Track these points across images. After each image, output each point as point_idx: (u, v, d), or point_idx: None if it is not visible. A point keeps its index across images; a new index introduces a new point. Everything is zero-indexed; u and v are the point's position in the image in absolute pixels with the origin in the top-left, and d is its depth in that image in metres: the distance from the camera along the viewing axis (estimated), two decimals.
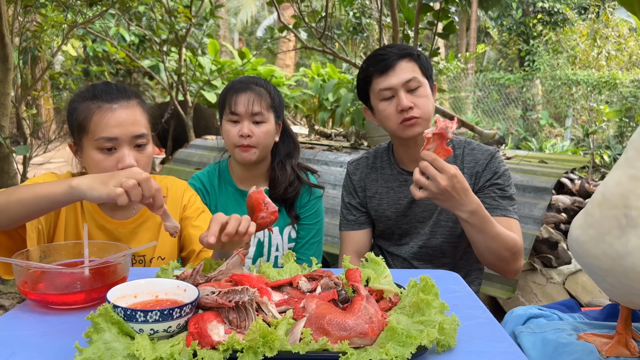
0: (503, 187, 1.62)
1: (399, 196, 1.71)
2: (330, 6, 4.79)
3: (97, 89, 1.39)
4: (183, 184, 1.63)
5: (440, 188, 1.31)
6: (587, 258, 0.96)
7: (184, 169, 4.26)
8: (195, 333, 0.84)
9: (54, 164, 6.94)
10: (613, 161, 8.36)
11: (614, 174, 0.94)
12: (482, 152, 1.67)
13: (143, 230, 1.50)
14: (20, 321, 0.99)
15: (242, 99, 1.70)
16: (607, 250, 0.91)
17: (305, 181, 1.85)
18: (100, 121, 1.33)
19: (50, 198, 1.13)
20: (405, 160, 1.72)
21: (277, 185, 1.79)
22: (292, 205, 1.84)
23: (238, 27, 20.22)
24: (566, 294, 2.95)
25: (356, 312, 0.89)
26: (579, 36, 12.86)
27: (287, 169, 1.82)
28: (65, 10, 3.97)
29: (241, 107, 1.69)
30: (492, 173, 1.63)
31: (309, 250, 1.86)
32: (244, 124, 1.70)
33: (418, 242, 1.71)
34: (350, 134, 4.64)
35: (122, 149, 1.35)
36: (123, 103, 1.37)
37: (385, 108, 1.60)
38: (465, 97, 13.33)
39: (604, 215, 0.91)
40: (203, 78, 7.99)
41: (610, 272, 0.92)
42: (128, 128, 1.35)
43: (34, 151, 4.43)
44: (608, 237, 0.91)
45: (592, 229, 0.94)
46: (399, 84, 1.56)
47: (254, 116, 1.70)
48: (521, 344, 1.14)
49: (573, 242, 0.99)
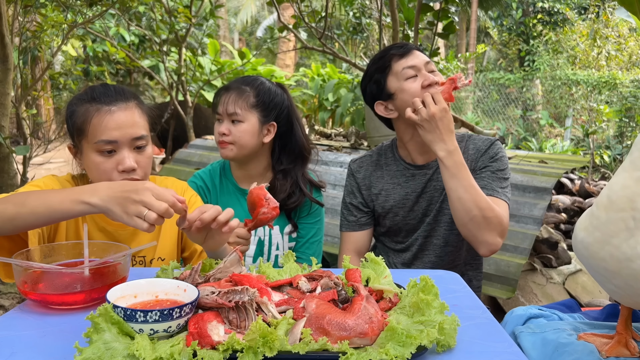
0: (496, 169, 1.66)
1: (406, 191, 1.73)
2: (330, 6, 4.79)
3: (96, 91, 1.38)
4: (183, 185, 1.63)
5: (429, 114, 1.49)
6: (593, 260, 0.96)
7: (184, 169, 4.26)
8: (195, 333, 0.84)
9: (54, 164, 6.94)
10: (613, 161, 8.36)
11: (619, 176, 0.94)
12: (482, 140, 1.72)
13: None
14: (20, 321, 0.99)
15: (222, 99, 1.77)
16: (614, 253, 0.91)
17: (308, 195, 1.83)
18: (99, 124, 1.33)
19: (64, 213, 1.12)
20: (412, 153, 1.73)
21: (276, 193, 1.76)
22: (290, 214, 1.84)
23: (238, 27, 20.22)
24: (566, 294, 2.95)
25: (356, 312, 0.89)
26: (579, 36, 12.86)
27: (287, 179, 1.80)
28: (65, 10, 3.97)
29: (220, 107, 1.77)
30: (490, 157, 1.67)
31: (309, 250, 1.87)
32: (223, 122, 1.77)
33: (423, 234, 1.74)
34: (350, 134, 4.64)
35: (122, 151, 1.34)
36: (122, 105, 1.36)
37: (410, 86, 1.63)
38: (465, 97, 13.32)
39: (611, 217, 0.91)
40: (203, 78, 8.00)
41: (618, 274, 0.92)
42: (127, 130, 1.34)
43: (34, 151, 4.43)
44: (615, 239, 0.91)
45: (598, 231, 0.94)
46: (421, 63, 1.64)
47: (230, 116, 1.75)
48: (521, 344, 1.14)
49: (578, 244, 0.99)
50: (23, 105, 4.18)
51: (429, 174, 1.71)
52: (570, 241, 3.86)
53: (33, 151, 4.39)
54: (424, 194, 1.72)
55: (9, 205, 1.14)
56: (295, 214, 1.86)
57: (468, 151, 1.70)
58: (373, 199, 1.78)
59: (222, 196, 1.86)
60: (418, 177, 1.72)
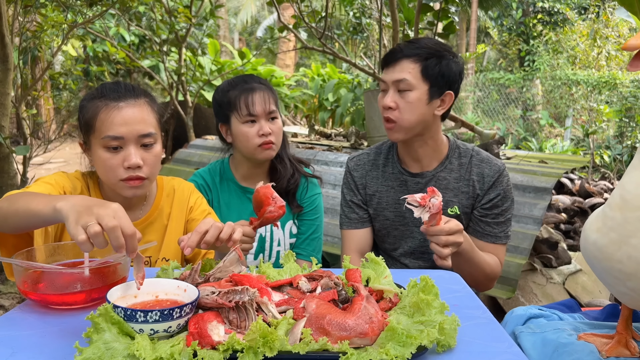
0: (502, 211, 1.63)
1: (399, 196, 1.70)
2: (330, 6, 4.79)
3: (106, 87, 1.39)
4: (190, 186, 1.64)
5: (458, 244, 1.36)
6: (608, 262, 0.93)
7: (184, 169, 4.26)
8: (196, 333, 0.84)
9: (54, 164, 6.94)
10: (613, 161, 8.35)
11: (631, 175, 0.92)
12: (490, 166, 1.64)
13: (150, 232, 1.50)
14: (20, 321, 0.99)
15: (257, 100, 1.73)
16: (632, 253, 0.89)
17: (302, 171, 1.89)
18: (106, 119, 1.33)
19: (39, 217, 1.05)
20: (406, 158, 1.71)
21: (280, 178, 1.82)
22: (294, 196, 1.87)
23: (238, 27, 20.22)
24: (566, 294, 2.95)
25: (356, 312, 0.89)
26: (579, 36, 12.86)
27: (285, 161, 1.85)
28: (65, 10, 3.97)
29: (259, 107, 1.72)
30: (497, 194, 1.63)
31: (309, 246, 1.88)
32: (261, 123, 1.73)
33: (412, 245, 1.72)
34: (350, 134, 4.64)
35: (128, 148, 1.34)
36: (130, 101, 1.36)
37: (379, 100, 1.63)
38: (465, 97, 13.32)
39: (627, 217, 0.89)
40: (203, 78, 8.00)
41: (634, 276, 0.90)
42: (134, 127, 1.34)
43: (34, 151, 4.43)
44: (634, 239, 0.88)
45: (613, 232, 0.91)
46: (390, 81, 1.58)
47: (270, 114, 1.75)
48: (521, 344, 1.14)
49: (590, 246, 0.97)
50: (23, 105, 4.18)
51: (421, 183, 1.67)
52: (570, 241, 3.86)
53: (33, 151, 4.39)
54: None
55: (4, 204, 1.13)
56: (297, 195, 1.88)
57: (471, 174, 1.64)
58: (367, 200, 1.76)
59: (223, 194, 1.88)
60: (411, 185, 1.69)
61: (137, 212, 1.50)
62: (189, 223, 1.57)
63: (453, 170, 1.66)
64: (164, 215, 1.55)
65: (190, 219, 1.57)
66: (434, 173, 1.66)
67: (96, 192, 1.48)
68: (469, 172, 1.65)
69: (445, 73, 1.56)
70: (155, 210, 1.53)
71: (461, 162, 1.66)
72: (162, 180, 1.59)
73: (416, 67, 1.54)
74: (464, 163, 1.66)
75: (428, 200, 1.25)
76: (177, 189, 1.59)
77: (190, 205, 1.58)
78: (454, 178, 1.65)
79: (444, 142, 1.68)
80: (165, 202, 1.56)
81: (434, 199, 1.24)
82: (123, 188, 1.37)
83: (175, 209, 1.56)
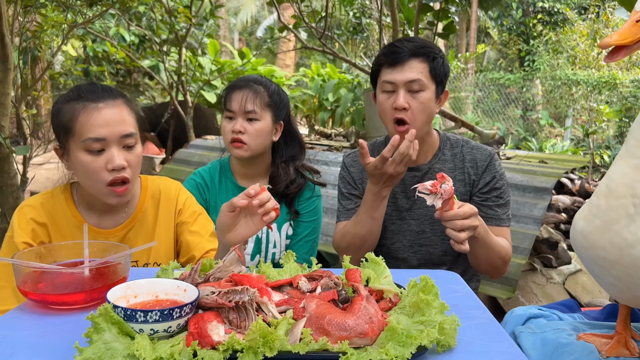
0: (500, 193, 1.65)
1: (395, 190, 1.71)
2: (330, 6, 4.78)
3: (82, 89, 1.35)
4: (177, 185, 1.57)
5: (474, 227, 1.36)
6: (593, 250, 0.95)
7: (184, 169, 4.26)
8: (195, 333, 0.84)
9: (54, 164, 6.93)
10: (613, 161, 8.36)
11: (616, 165, 0.95)
12: (481, 152, 1.69)
13: (134, 235, 1.46)
14: (20, 321, 0.99)
15: (237, 97, 1.74)
16: (614, 240, 0.91)
17: (309, 179, 1.87)
18: (86, 121, 1.29)
19: None
20: None
21: (278, 182, 1.81)
22: (292, 201, 1.85)
23: (238, 27, 20.21)
24: (566, 294, 2.95)
25: (356, 312, 0.89)
26: (579, 36, 12.86)
27: (289, 170, 1.83)
28: (65, 10, 3.97)
29: (235, 104, 1.74)
30: (492, 176, 1.65)
31: (303, 248, 1.86)
32: (238, 120, 1.74)
33: (410, 239, 1.72)
34: (350, 134, 4.65)
35: (111, 149, 1.30)
36: (109, 102, 1.32)
37: (383, 101, 1.60)
38: (465, 97, 13.33)
39: (611, 205, 0.92)
40: (203, 78, 8.00)
41: (617, 263, 0.92)
42: (116, 127, 1.30)
43: (34, 151, 4.42)
44: (616, 226, 0.91)
45: (598, 219, 0.94)
46: (401, 82, 1.55)
47: (247, 114, 1.73)
48: (521, 344, 1.14)
49: (577, 234, 0.99)
50: (23, 105, 4.17)
51: (418, 176, 1.69)
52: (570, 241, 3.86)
53: (33, 151, 4.38)
54: (411, 196, 1.69)
55: None
56: (297, 199, 1.86)
57: (464, 162, 1.68)
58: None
59: (221, 193, 1.87)
60: (407, 178, 1.69)
61: (119, 215, 1.45)
62: (180, 227, 1.52)
63: (447, 160, 1.70)
64: (149, 218, 1.49)
65: (181, 222, 1.52)
66: (430, 165, 1.69)
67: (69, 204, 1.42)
68: (462, 160, 1.68)
69: (446, 72, 1.61)
70: (139, 212, 1.48)
71: (453, 152, 1.70)
72: (146, 181, 1.53)
73: (425, 67, 1.56)
74: (456, 153, 1.70)
75: (439, 186, 1.25)
76: (163, 189, 1.53)
77: (179, 208, 1.53)
78: (448, 168, 1.69)
79: (435, 136, 1.72)
80: (150, 204, 1.50)
81: (445, 184, 1.25)
82: (108, 195, 1.34)
83: (162, 211, 1.51)
